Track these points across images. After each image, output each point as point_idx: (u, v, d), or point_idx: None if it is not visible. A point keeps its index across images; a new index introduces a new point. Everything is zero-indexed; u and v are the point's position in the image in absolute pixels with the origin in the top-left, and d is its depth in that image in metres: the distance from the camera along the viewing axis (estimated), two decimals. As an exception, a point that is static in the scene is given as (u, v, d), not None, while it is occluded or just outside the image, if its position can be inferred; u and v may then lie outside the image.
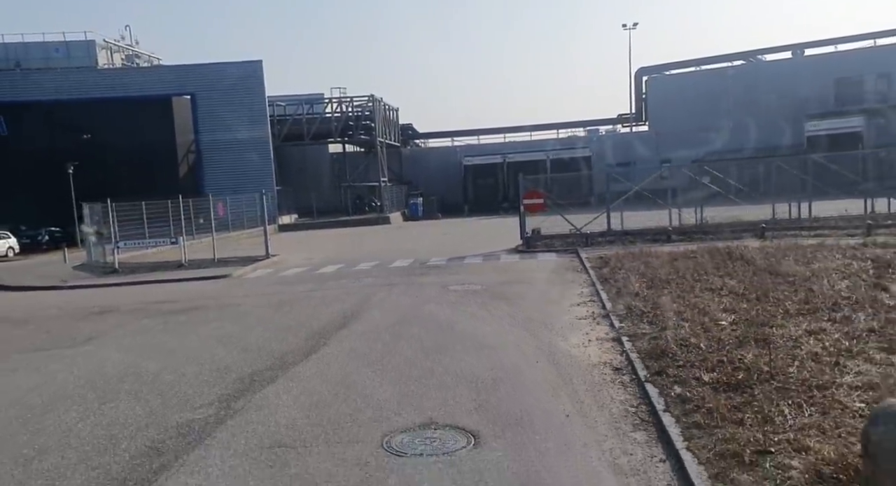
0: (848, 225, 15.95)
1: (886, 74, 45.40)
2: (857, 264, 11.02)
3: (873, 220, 16.12)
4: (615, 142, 52.40)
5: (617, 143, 52.03)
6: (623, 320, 9.14)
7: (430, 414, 6.12)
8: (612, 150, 50.11)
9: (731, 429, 5.05)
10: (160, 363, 8.50)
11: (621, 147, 50.60)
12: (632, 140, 52.14)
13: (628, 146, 50.54)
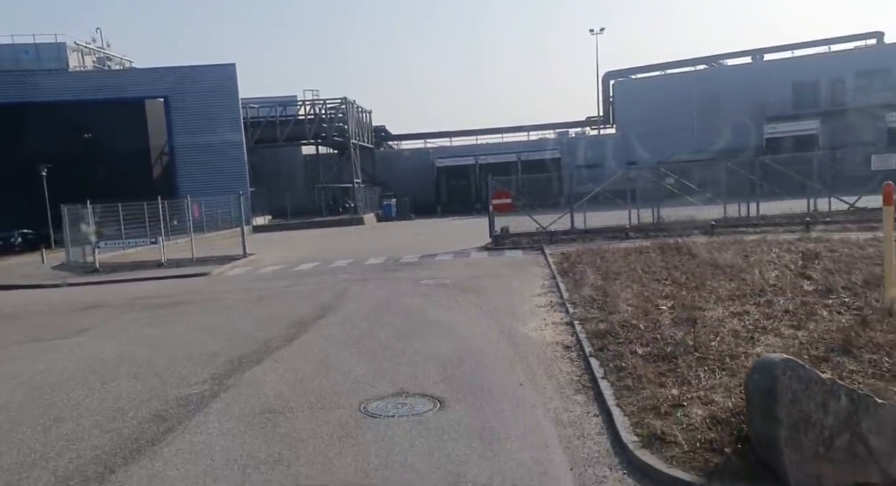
0: (790, 222, 17.23)
1: (840, 79, 47.42)
2: (788, 256, 12.18)
3: (812, 217, 17.43)
4: (584, 144, 53.85)
5: (585, 145, 53.49)
6: (577, 307, 10.11)
7: (402, 385, 7.00)
8: (581, 152, 51.56)
9: (654, 390, 6.01)
10: (153, 350, 9.22)
11: (589, 149, 52.07)
12: (599, 142, 53.66)
13: (596, 148, 52.02)
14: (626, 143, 50.12)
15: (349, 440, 5.59)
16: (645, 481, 4.60)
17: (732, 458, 4.58)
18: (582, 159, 49.79)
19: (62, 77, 39.72)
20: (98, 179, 35.99)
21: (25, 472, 5.24)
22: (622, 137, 51.55)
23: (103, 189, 29.82)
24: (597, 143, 53.54)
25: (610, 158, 48.95)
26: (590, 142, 54.43)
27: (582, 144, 53.56)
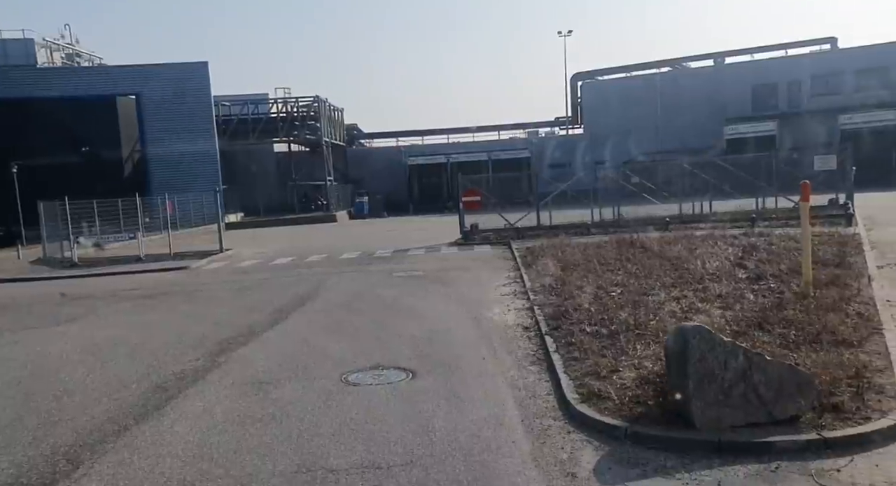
0: (739, 219, 18.47)
1: (797, 82, 49.35)
2: (730, 249, 13.32)
3: (758, 214, 18.71)
4: (553, 144, 55.07)
5: (554, 145, 54.70)
6: (537, 294, 11.06)
7: (378, 361, 7.86)
8: (550, 151, 52.73)
9: (596, 359, 6.96)
10: (144, 335, 9.92)
11: (558, 149, 53.26)
12: (568, 142, 54.91)
13: (564, 148, 53.23)
14: (594, 143, 51.42)
15: (333, 403, 6.44)
16: (582, 427, 5.54)
17: (653, 408, 5.55)
18: (550, 159, 50.95)
19: (31, 73, 39.47)
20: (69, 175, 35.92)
21: (49, 429, 5.98)
22: (589, 138, 52.87)
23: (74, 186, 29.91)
24: (565, 143, 54.79)
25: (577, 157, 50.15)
26: (558, 142, 55.68)
27: (550, 144, 54.76)
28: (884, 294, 9.04)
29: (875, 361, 6.17)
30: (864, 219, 17.92)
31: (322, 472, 4.91)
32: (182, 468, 5.09)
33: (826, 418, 5.06)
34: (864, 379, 5.63)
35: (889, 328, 7.28)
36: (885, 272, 10.70)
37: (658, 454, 4.90)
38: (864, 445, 4.71)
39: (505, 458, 5.06)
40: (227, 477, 4.90)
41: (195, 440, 5.63)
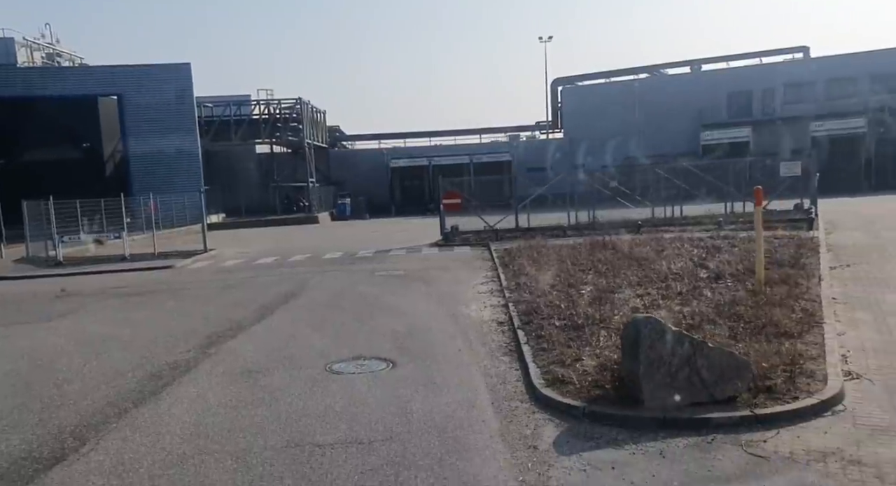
0: (708, 222, 19.27)
1: (770, 90, 50.62)
2: (695, 250, 14.03)
3: (725, 218, 19.53)
4: (533, 147, 55.87)
5: (535, 148, 55.48)
6: (512, 292, 11.65)
7: (360, 352, 8.38)
8: (531, 155, 53.44)
9: (562, 350, 7.55)
10: (134, 330, 10.34)
11: (539, 152, 54.00)
12: (548, 146, 55.69)
13: (545, 152, 53.96)
14: (573, 147, 52.22)
15: (318, 389, 6.95)
16: (545, 408, 6.11)
17: (610, 391, 6.15)
18: (531, 162, 51.65)
19: (11, 72, 39.33)
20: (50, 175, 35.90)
21: (53, 412, 6.42)
22: (569, 142, 53.69)
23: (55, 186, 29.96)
24: (545, 146, 55.58)
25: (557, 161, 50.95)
26: (539, 146, 56.49)
27: (531, 148, 55.54)
28: (831, 292, 9.76)
29: (810, 350, 6.83)
30: (826, 223, 18.80)
31: (310, 447, 5.43)
32: (181, 444, 5.58)
33: (760, 398, 5.69)
34: (798, 365, 6.28)
35: (829, 322, 7.96)
36: (836, 273, 11.44)
37: (611, 430, 5.49)
38: (791, 420, 5.34)
39: (475, 434, 5.62)
40: (223, 452, 5.40)
41: (191, 420, 6.12)
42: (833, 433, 5.08)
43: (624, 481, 4.62)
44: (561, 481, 4.70)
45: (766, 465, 4.68)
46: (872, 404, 5.60)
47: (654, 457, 4.95)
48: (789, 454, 4.81)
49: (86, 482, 4.90)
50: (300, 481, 4.82)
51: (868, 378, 6.17)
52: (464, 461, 5.07)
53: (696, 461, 4.84)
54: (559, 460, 5.04)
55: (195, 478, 4.93)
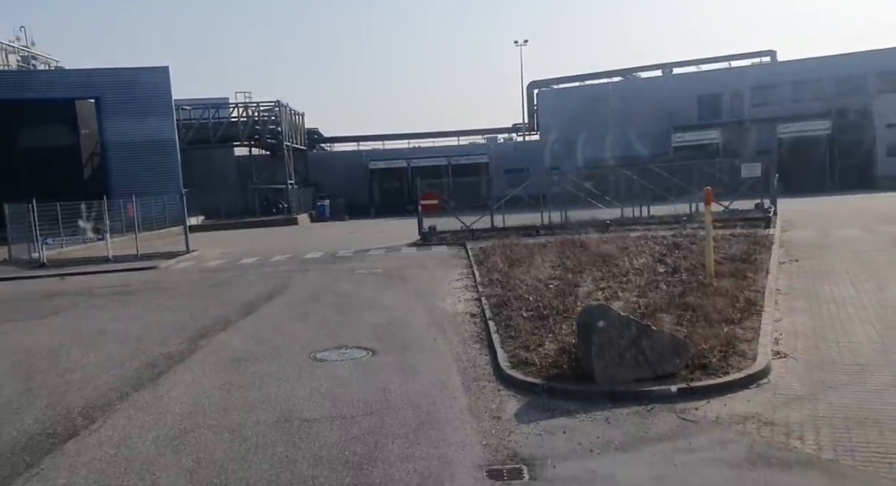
0: (672, 221, 20.20)
1: (739, 93, 52.06)
2: (657, 247, 14.90)
3: (689, 217, 20.48)
4: (510, 149, 56.79)
5: (512, 150, 56.41)
6: (486, 287, 12.36)
7: (342, 342, 9.04)
8: (508, 157, 54.33)
9: (528, 337, 8.28)
10: (127, 325, 10.87)
11: (515, 154, 54.93)
12: (525, 148, 56.68)
13: (522, 154, 54.91)
14: (549, 149, 53.18)
15: (304, 374, 7.60)
16: (510, 387, 6.83)
17: (567, 370, 6.88)
18: (508, 164, 52.49)
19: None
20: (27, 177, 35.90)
21: (60, 397, 7.00)
22: (545, 144, 54.66)
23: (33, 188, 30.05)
24: (522, 148, 56.56)
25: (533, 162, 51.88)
26: (515, 147, 57.44)
27: (508, 150, 56.46)
28: (776, 284, 10.64)
29: (747, 334, 7.64)
30: (783, 221, 19.84)
31: (298, 421, 6.09)
32: (181, 421, 6.20)
33: (696, 373, 6.46)
34: (732, 346, 7.08)
35: (768, 310, 8.80)
36: (785, 267, 12.35)
37: (566, 403, 6.23)
38: (721, 391, 6.12)
39: (446, 409, 6.32)
40: (220, 426, 6.04)
41: (189, 401, 6.74)
42: (755, 402, 5.87)
43: (572, 441, 5.35)
44: (519, 443, 5.41)
45: (694, 427, 5.45)
46: (793, 378, 6.41)
47: (601, 423, 5.69)
48: (715, 419, 5.59)
49: (99, 452, 5.50)
50: (291, 448, 5.48)
51: (794, 357, 6.99)
52: (435, 430, 5.77)
53: (635, 425, 5.59)
54: (518, 427, 5.76)
55: (196, 447, 5.56)
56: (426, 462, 5.11)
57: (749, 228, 17.98)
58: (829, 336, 7.67)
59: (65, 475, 5.08)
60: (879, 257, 12.82)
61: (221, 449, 5.50)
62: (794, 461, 4.72)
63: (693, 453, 4.99)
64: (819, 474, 4.53)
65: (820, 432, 5.14)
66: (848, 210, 23.80)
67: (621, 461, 4.94)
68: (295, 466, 5.11)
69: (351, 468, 5.05)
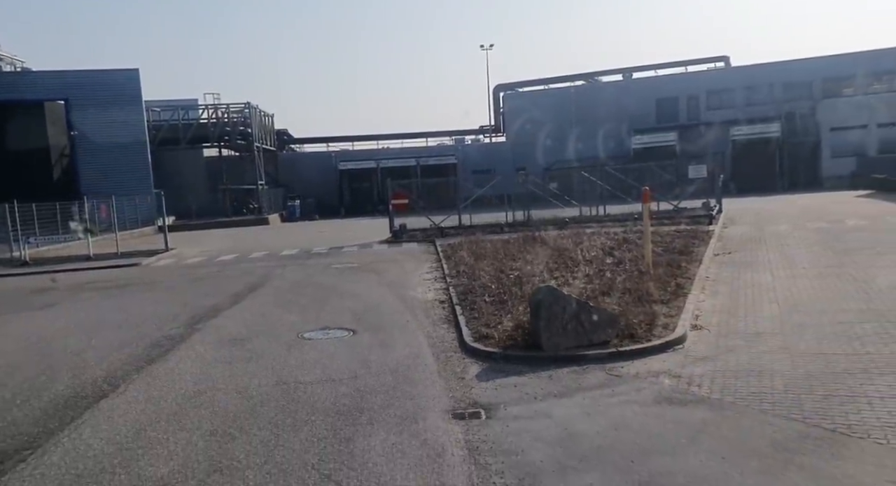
0: (626, 219, 21.75)
1: (695, 97, 54.31)
2: (609, 242, 16.35)
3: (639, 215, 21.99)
4: (478, 151, 58.27)
5: (479, 152, 57.87)
6: (453, 278, 13.62)
7: (325, 324, 10.19)
8: (475, 158, 55.74)
9: (489, 317, 9.54)
10: (121, 315, 11.83)
11: (483, 155, 56.39)
12: (492, 149, 58.19)
13: (489, 155, 56.39)
14: (515, 150, 54.83)
15: (294, 350, 8.75)
16: (472, 355, 8.08)
17: (520, 341, 8.16)
18: (475, 165, 53.88)
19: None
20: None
21: (81, 370, 8.02)
22: (511, 145, 56.28)
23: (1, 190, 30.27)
24: (489, 150, 58.06)
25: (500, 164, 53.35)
26: (483, 149, 58.93)
27: (476, 151, 57.90)
28: (706, 273, 12.12)
29: (671, 312, 9.04)
30: (726, 219, 21.55)
31: (294, 384, 7.25)
32: (194, 385, 7.31)
33: (625, 341, 7.81)
34: (657, 321, 8.46)
35: (694, 293, 10.24)
36: (717, 258, 13.88)
37: (518, 366, 7.50)
38: (643, 354, 7.46)
39: (419, 372, 7.54)
40: (228, 389, 7.16)
41: (197, 371, 7.84)
42: (669, 361, 7.23)
43: (521, 392, 6.62)
44: (478, 395, 6.66)
45: (618, 380, 6.78)
46: (703, 344, 7.80)
47: (545, 379, 6.98)
48: (636, 374, 6.92)
49: (129, 409, 6.59)
50: (291, 402, 6.64)
51: (707, 329, 8.40)
52: (410, 387, 6.99)
53: (572, 380, 6.90)
54: (478, 384, 7.01)
55: (211, 404, 6.68)
56: (403, 409, 6.33)
57: (694, 224, 19.60)
58: (740, 313, 9.11)
59: (106, 424, 6.17)
60: (800, 249, 14.45)
61: (233, 404, 6.64)
62: (689, 401, 6.07)
63: (614, 397, 6.31)
64: (706, 408, 5.88)
65: (714, 381, 6.50)
66: (789, 209, 25.70)
67: (558, 404, 6.23)
68: (296, 414, 6.28)
69: (342, 414, 6.24)
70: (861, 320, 8.22)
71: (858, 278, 10.76)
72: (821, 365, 6.66)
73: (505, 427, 5.75)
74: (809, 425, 5.29)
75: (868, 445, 4.88)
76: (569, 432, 5.56)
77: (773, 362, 6.90)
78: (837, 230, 17.43)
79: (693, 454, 4.97)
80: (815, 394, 5.92)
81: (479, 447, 5.36)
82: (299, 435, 5.73)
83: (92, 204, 30.61)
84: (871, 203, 25.79)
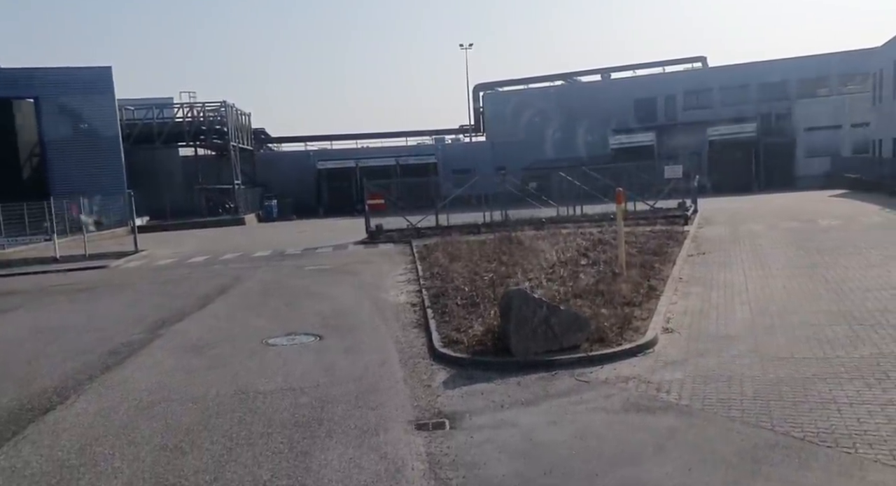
0: (601, 219, 21.67)
1: (672, 97, 54.63)
2: (585, 243, 16.23)
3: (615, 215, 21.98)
4: (458, 150, 58.08)
5: (459, 151, 57.69)
6: (427, 280, 13.40)
7: (292, 329, 9.92)
8: (455, 157, 55.52)
9: (460, 321, 9.34)
10: (86, 319, 11.46)
11: (463, 155, 56.19)
12: (472, 149, 58.04)
13: (470, 154, 56.21)
14: (495, 150, 54.72)
15: (257, 357, 8.48)
16: (441, 361, 7.88)
17: (490, 346, 7.98)
18: (456, 164, 53.67)
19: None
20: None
21: (31, 381, 7.69)
22: (491, 145, 56.18)
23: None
24: (469, 149, 57.91)
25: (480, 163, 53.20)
26: (463, 148, 58.77)
27: (456, 151, 57.71)
28: (680, 273, 12.05)
29: (643, 314, 8.91)
30: (702, 219, 21.58)
31: (253, 393, 6.99)
32: (148, 395, 7.01)
33: (595, 346, 7.66)
34: (629, 324, 8.33)
35: (667, 294, 10.14)
36: (691, 259, 13.83)
37: (486, 372, 7.31)
38: (613, 359, 7.32)
39: (385, 380, 7.32)
40: (184, 399, 6.88)
41: (153, 380, 7.55)
42: (639, 366, 7.09)
43: (488, 400, 6.43)
44: (444, 403, 6.46)
45: (586, 386, 6.63)
46: (674, 348, 7.67)
47: (513, 386, 6.80)
48: (605, 379, 6.77)
49: (77, 422, 6.29)
50: (248, 413, 6.38)
51: (678, 332, 8.28)
52: (374, 396, 6.77)
53: (540, 386, 6.72)
54: (445, 392, 6.82)
55: (164, 416, 6.41)
56: (365, 420, 6.11)
57: (669, 225, 19.58)
58: (711, 315, 9.01)
59: (49, 439, 5.87)
60: (773, 250, 14.45)
61: (187, 416, 6.37)
62: (657, 407, 5.92)
63: (582, 404, 6.14)
64: (673, 414, 5.73)
65: (683, 386, 6.37)
66: (764, 208, 25.85)
67: (524, 413, 6.05)
68: (251, 426, 6.03)
69: (300, 426, 6.00)
70: (832, 322, 8.16)
71: (830, 278, 10.74)
72: (791, 370, 6.56)
73: (469, 438, 5.55)
74: (778, 433, 5.17)
75: (836, 454, 4.76)
76: (534, 442, 5.38)
77: (743, 366, 6.79)
78: (810, 230, 17.51)
79: (659, 466, 4.82)
80: (785, 400, 5.81)
81: (441, 460, 5.16)
82: (254, 449, 5.48)
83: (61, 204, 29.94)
84: (844, 203, 26.04)
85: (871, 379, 6.12)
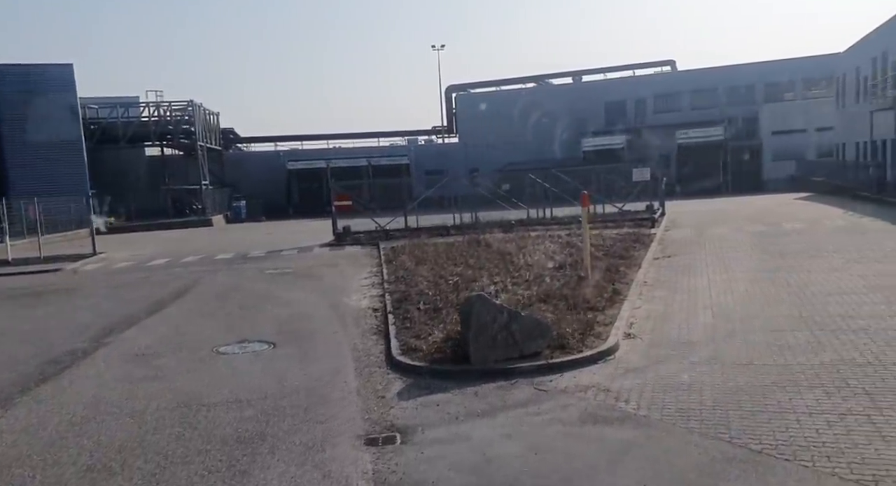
0: (570, 222, 21.57)
1: (642, 100, 55.10)
2: (552, 246, 16.08)
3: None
4: (431, 151, 57.82)
5: (432, 152, 57.44)
6: (391, 284, 13.09)
7: (245, 336, 9.55)
8: (429, 158, 55.27)
9: (421, 327, 9.07)
10: (31, 325, 10.94)
11: (436, 156, 55.97)
12: (445, 150, 57.85)
13: (442, 156, 56.00)
14: (468, 151, 54.62)
15: (205, 367, 8.11)
16: (398, 370, 7.59)
17: (449, 354, 7.72)
18: (429, 165, 53.39)
19: None
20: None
21: (-38, 393, 7.20)
22: (464, 146, 56.05)
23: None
24: (441, 151, 57.71)
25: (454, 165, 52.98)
26: (435, 150, 58.56)
27: (428, 152, 57.44)
28: (645, 277, 11.94)
29: (606, 319, 8.74)
30: (669, 222, 21.63)
31: (196, 406, 6.63)
32: (83, 410, 6.61)
33: (556, 353, 7.45)
34: (591, 329, 8.15)
35: (631, 299, 10.00)
36: (657, 262, 13.75)
37: (444, 382, 7.05)
38: (573, 366, 7.12)
39: (337, 391, 7.02)
40: (121, 413, 6.50)
41: (91, 393, 7.14)
42: (599, 374, 6.90)
43: (442, 412, 6.17)
44: (397, 416, 6.18)
45: (545, 395, 6.41)
46: (635, 354, 7.50)
47: (470, 396, 6.55)
48: (564, 388, 6.56)
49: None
50: (187, 428, 6.03)
51: (640, 337, 8.12)
52: (324, 409, 6.46)
53: (498, 396, 6.49)
54: (399, 403, 6.54)
55: (97, 432, 6.02)
56: (311, 435, 5.80)
57: (636, 227, 19.57)
58: (674, 320, 8.88)
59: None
60: (738, 253, 14.45)
61: (121, 432, 5.99)
62: (615, 418, 5.72)
63: (539, 415, 5.92)
64: (631, 425, 5.54)
65: (642, 395, 6.19)
66: (730, 211, 26.04)
67: (479, 425, 5.80)
68: (189, 442, 5.69)
69: (242, 442, 5.67)
70: (793, 327, 8.07)
71: (792, 283, 10.70)
72: (751, 377, 6.42)
73: (419, 454, 5.28)
74: (736, 445, 5.00)
75: (794, 468, 4.60)
76: (486, 457, 5.13)
77: (703, 374, 6.63)
78: (775, 233, 17.60)
79: (614, 481, 4.61)
80: (744, 410, 5.65)
81: (388, 478, 4.89)
82: (189, 468, 5.15)
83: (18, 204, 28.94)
84: (809, 206, 26.37)
85: (830, 387, 6.01)
